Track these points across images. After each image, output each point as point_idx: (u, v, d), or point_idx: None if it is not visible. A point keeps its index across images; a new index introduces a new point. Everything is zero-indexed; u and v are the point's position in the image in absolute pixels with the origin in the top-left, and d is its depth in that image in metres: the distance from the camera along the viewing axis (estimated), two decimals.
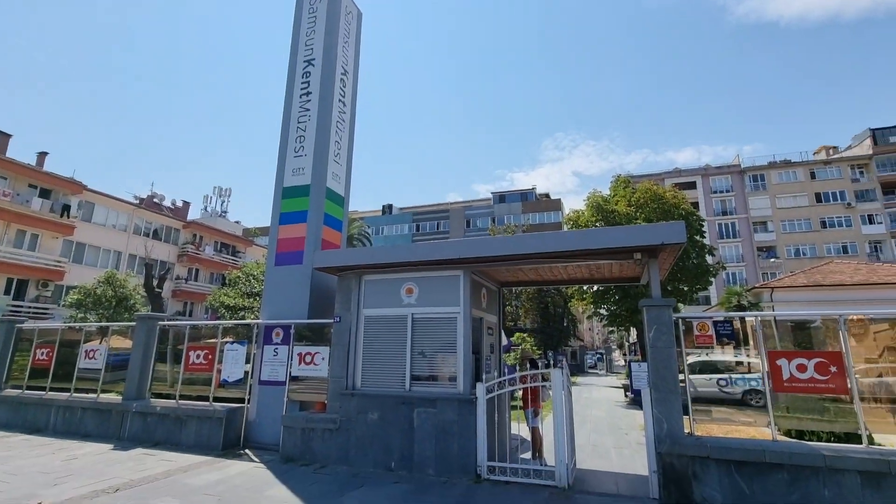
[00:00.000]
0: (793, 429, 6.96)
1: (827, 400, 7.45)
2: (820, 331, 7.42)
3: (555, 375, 6.58)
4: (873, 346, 7.92)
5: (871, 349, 7.77)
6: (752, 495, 5.36)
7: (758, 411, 8.29)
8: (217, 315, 19.75)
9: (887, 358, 7.50)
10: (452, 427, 6.83)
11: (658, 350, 6.15)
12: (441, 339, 7.44)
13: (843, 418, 7.07)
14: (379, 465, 7.09)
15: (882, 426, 6.25)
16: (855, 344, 6.57)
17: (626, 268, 7.85)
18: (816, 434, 6.88)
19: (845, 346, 5.71)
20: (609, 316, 21.48)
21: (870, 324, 8.04)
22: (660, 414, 5.96)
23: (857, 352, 6.50)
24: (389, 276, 7.98)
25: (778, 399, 6.20)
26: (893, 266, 26.52)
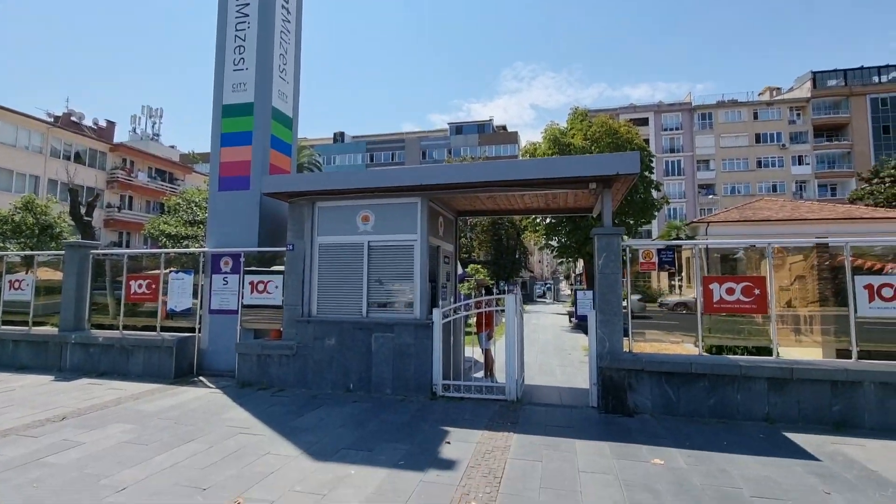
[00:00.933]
0: (713, 346, 7.77)
1: (742, 321, 8.31)
2: (742, 262, 8.03)
3: (508, 300, 6.84)
4: (787, 275, 8.77)
5: (785, 278, 8.63)
6: (676, 402, 6.03)
7: (683, 332, 9.14)
8: (158, 245, 18.65)
9: (797, 285, 8.37)
10: (409, 350, 7.06)
11: (606, 276, 6.48)
12: (398, 267, 7.44)
13: (755, 336, 7.90)
14: (338, 387, 7.29)
15: (786, 342, 7.09)
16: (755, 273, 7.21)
17: (580, 198, 8.01)
18: (732, 349, 7.71)
19: (770, 272, 6.26)
20: (559, 248, 22.36)
21: (787, 255, 8.90)
22: (603, 334, 6.41)
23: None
24: (344, 203, 7.72)
25: (704, 323, 6.85)
26: (814, 204, 29.15)
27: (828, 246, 7.89)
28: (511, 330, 6.76)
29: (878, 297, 5.83)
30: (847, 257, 6.01)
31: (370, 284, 7.50)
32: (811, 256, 8.56)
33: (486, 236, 41.70)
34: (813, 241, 9.14)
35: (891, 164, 33.94)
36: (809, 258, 8.63)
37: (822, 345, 6.96)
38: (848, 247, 6.09)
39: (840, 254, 7.05)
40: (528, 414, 6.12)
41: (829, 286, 7.50)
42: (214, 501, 3.68)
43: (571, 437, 5.21)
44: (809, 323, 7.51)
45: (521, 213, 9.19)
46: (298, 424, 5.67)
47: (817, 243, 8.22)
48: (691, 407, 5.98)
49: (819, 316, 7.33)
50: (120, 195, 37.42)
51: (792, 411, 5.74)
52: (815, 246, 8.22)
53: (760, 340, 7.84)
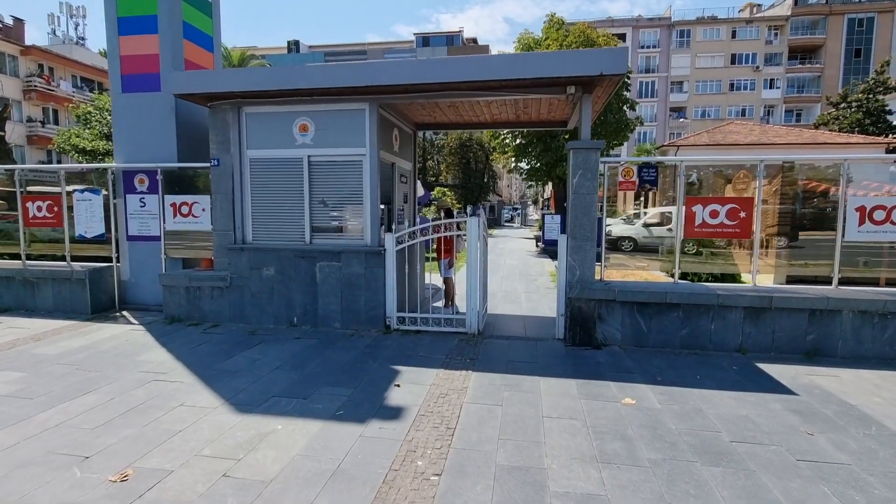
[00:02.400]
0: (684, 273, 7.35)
1: (704, 245, 7.90)
2: (703, 185, 7.37)
3: (471, 224, 6.03)
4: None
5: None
6: (647, 333, 5.61)
7: (648, 257, 8.73)
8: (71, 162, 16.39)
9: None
10: (359, 280, 6.28)
11: (581, 197, 5.71)
12: (345, 186, 6.42)
13: (720, 261, 7.52)
14: (280, 321, 6.54)
15: (744, 268, 6.73)
16: (734, 195, 6.65)
17: (555, 107, 6.98)
18: (697, 276, 7.33)
19: (759, 192, 5.64)
20: (529, 170, 21.43)
21: (752, 180, 8.38)
22: (573, 261, 5.78)
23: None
24: (277, 108, 6.42)
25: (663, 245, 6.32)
26: (781, 128, 29.03)
27: (811, 167, 7.33)
28: (473, 257, 6.04)
29: (869, 220, 5.36)
30: (843, 179, 5.42)
31: (313, 207, 6.49)
32: (776, 180, 8.09)
33: (454, 159, 40.17)
34: (812, 157, 8.58)
35: (859, 89, 33.74)
36: (774, 181, 8.16)
37: (774, 270, 6.64)
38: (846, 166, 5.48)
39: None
40: (490, 348, 5.60)
41: (790, 210, 7.03)
42: (94, 475, 2.95)
43: (535, 375, 4.71)
44: (766, 247, 7.14)
45: (487, 126, 8.12)
46: (226, 367, 4.93)
47: (811, 163, 7.66)
48: (662, 338, 5.59)
49: (774, 241, 6.94)
50: (42, 108, 33.12)
51: (765, 341, 5.44)
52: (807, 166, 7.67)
53: (725, 266, 7.51)
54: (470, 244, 6.04)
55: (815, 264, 6.03)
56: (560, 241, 5.85)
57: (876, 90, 32.65)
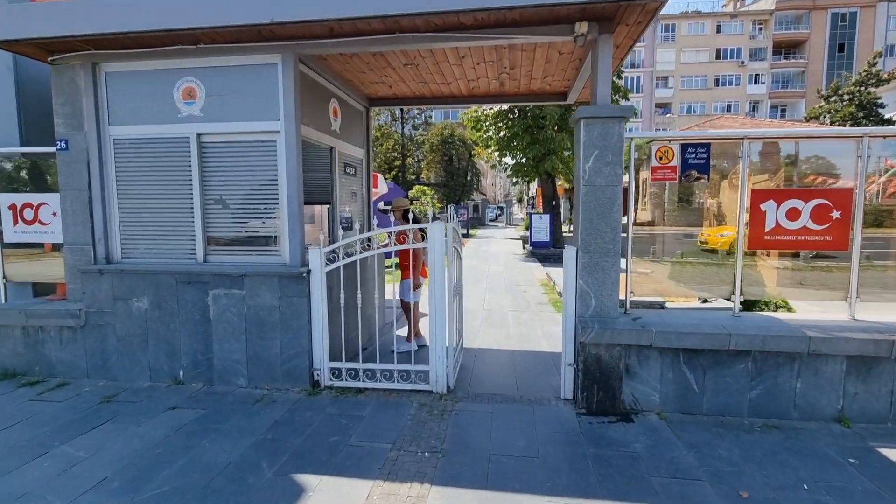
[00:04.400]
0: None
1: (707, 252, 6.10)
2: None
3: (433, 231, 4.06)
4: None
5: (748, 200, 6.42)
6: (700, 393, 3.74)
7: (645, 259, 6.88)
8: None
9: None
10: (272, 316, 4.27)
11: (597, 190, 3.81)
12: (252, 178, 4.41)
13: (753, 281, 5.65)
14: (160, 377, 4.49)
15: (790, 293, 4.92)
16: (732, 194, 4.86)
17: (553, 67, 5.06)
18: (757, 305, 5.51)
19: (861, 180, 3.81)
20: (514, 166, 19.59)
21: (751, 174, 6.60)
22: (587, 287, 3.87)
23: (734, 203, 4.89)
24: (151, 64, 4.38)
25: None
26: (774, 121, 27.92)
27: None
28: (439, 281, 4.09)
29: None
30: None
31: (207, 209, 4.45)
32: (779, 174, 6.34)
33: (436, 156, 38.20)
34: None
35: (851, 82, 32.83)
36: (777, 176, 6.41)
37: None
38: None
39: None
40: (464, 424, 3.64)
41: None
42: None
43: (538, 494, 2.78)
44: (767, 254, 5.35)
45: (462, 101, 6.18)
46: (11, 484, 2.88)
47: None
48: (722, 402, 3.72)
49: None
50: None
51: (879, 407, 3.60)
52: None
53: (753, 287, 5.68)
54: (433, 261, 4.08)
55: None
56: (566, 258, 3.94)
57: (868, 82, 31.74)
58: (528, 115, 16.98)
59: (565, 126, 16.93)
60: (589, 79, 4.85)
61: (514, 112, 17.76)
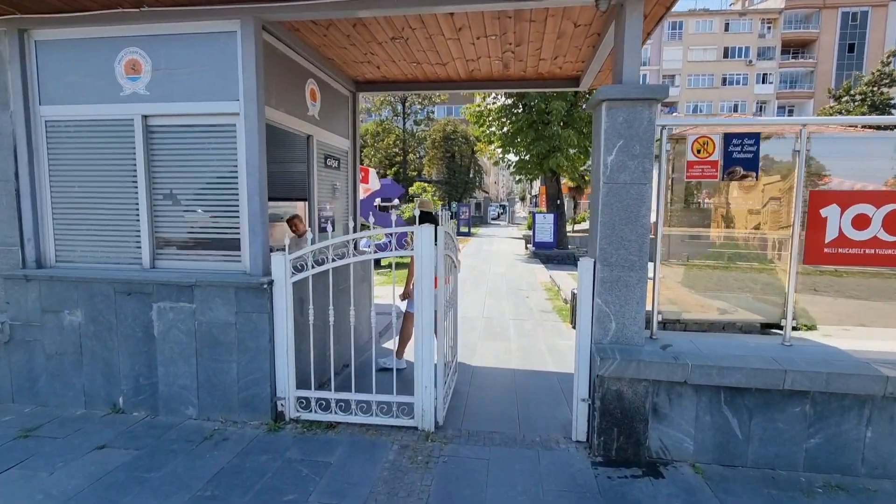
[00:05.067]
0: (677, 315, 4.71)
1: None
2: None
3: (420, 238, 3.35)
4: (760, 197, 5.83)
5: (758, 201, 5.68)
6: (745, 441, 3.03)
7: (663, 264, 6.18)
8: None
9: (770, 208, 5.41)
10: (228, 334, 3.57)
11: (621, 189, 3.10)
12: (208, 169, 3.71)
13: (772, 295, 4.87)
14: (96, 403, 3.80)
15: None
16: (742, 194, 4.18)
17: (566, 45, 4.33)
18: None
19: None
20: (518, 163, 18.86)
21: (762, 175, 5.83)
22: (607, 306, 3.17)
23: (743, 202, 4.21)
24: (88, 31, 3.68)
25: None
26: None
27: None
28: (426, 299, 3.38)
29: None
30: None
31: (155, 204, 3.76)
32: (791, 175, 5.62)
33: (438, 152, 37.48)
34: None
35: (864, 81, 31.97)
36: (790, 177, 5.69)
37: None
38: None
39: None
40: (452, 477, 2.94)
41: None
42: None
43: None
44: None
45: (461, 85, 5.47)
46: None
47: None
48: (772, 452, 3.02)
49: None
50: None
51: None
52: None
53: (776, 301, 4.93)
54: (421, 271, 3.38)
55: None
56: (581, 270, 3.24)
57: (881, 82, 30.89)
58: (533, 111, 16.25)
59: (572, 122, 16.19)
60: (608, 58, 4.14)
61: (518, 107, 17.02)
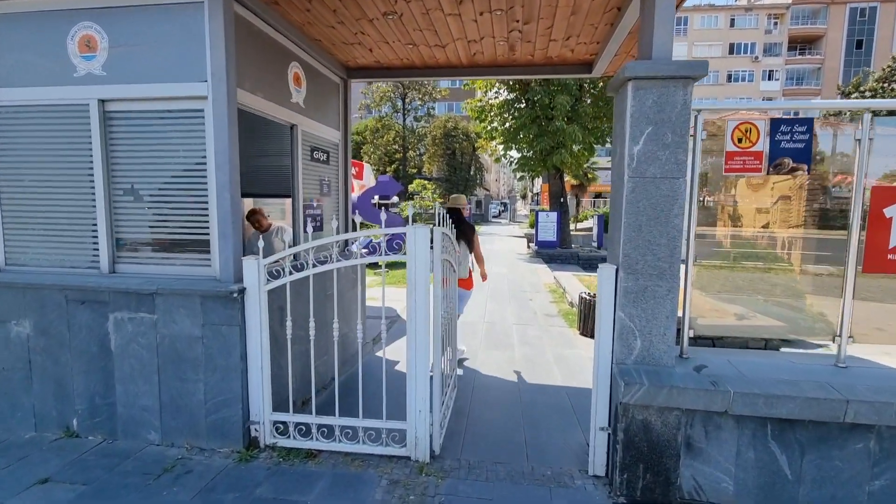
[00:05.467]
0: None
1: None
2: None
3: (413, 238, 2.90)
4: (769, 195, 5.35)
5: (767, 200, 5.19)
6: (795, 481, 2.58)
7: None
8: None
9: (780, 207, 4.92)
10: (194, 349, 3.12)
11: (649, 185, 2.64)
12: (173, 161, 3.26)
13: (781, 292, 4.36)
14: (48, 425, 3.35)
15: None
16: (749, 192, 3.68)
17: (579, 23, 3.86)
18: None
19: None
20: (520, 160, 18.37)
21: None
22: (631, 321, 2.71)
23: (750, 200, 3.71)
24: (35, 2, 3.22)
25: None
26: None
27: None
28: (421, 309, 2.93)
29: None
30: None
31: (114, 201, 3.31)
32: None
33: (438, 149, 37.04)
34: None
35: (874, 77, 31.35)
36: (800, 176, 5.18)
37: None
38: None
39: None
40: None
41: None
42: None
43: None
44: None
45: (460, 72, 5.01)
46: None
47: None
48: (828, 493, 2.56)
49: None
50: None
51: None
52: None
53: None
54: (413, 281, 2.92)
55: None
56: (601, 279, 2.78)
57: (892, 79, 30.27)
58: (537, 105, 15.75)
59: (576, 117, 15.70)
60: (627, 39, 3.68)
61: (521, 101, 16.54)
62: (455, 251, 3.94)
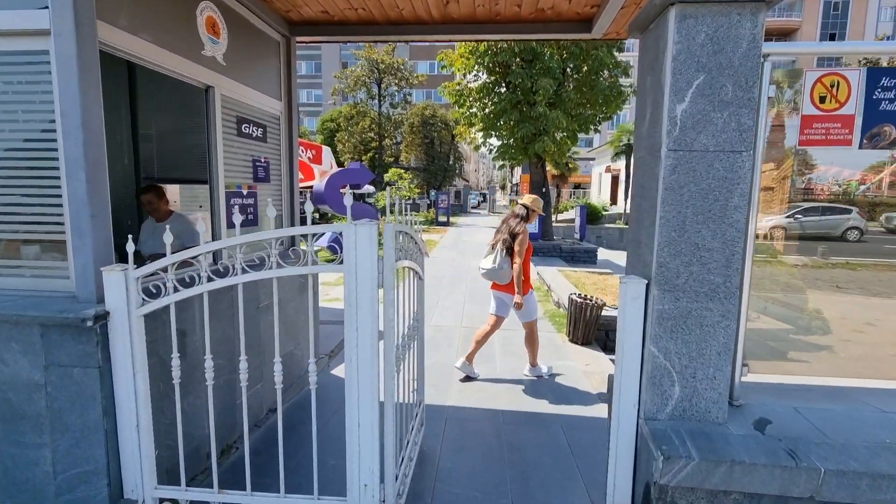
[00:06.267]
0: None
1: None
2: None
3: (353, 241, 1.97)
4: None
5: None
6: None
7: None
8: None
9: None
10: (34, 401, 2.14)
11: (697, 160, 1.78)
12: (11, 125, 2.25)
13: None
14: None
15: None
16: None
17: None
18: None
19: None
20: (500, 148, 17.50)
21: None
22: (667, 358, 1.87)
23: None
24: None
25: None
26: None
27: None
28: (364, 350, 2.02)
29: None
30: None
31: None
32: (787, 164, 4.51)
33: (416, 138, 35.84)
34: None
35: None
36: (785, 166, 4.59)
37: None
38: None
39: None
40: None
41: None
42: None
43: None
44: None
45: (430, 29, 4.07)
46: None
47: None
48: None
49: None
50: None
51: None
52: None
53: None
54: (353, 300, 2.00)
55: None
56: (623, 296, 1.92)
57: None
58: (518, 90, 14.88)
59: (560, 102, 14.89)
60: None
61: (501, 85, 15.64)
62: (423, 253, 3.04)
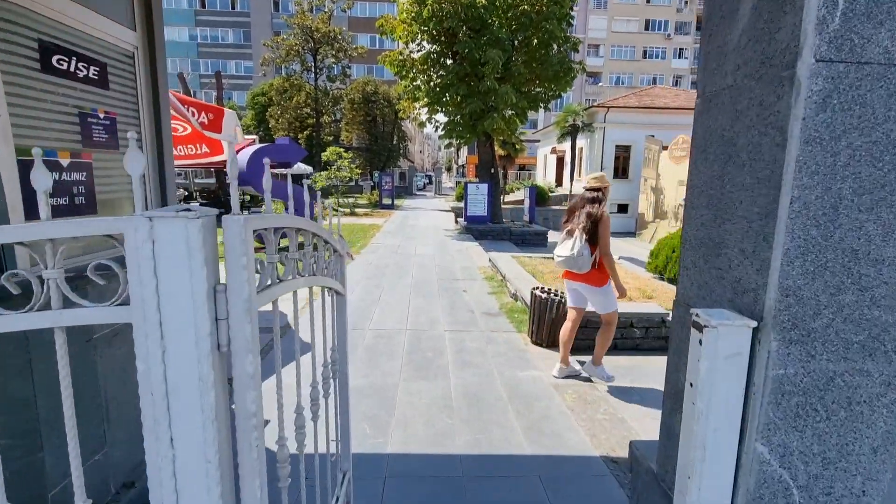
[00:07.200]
0: None
1: None
2: None
3: (140, 252, 0.86)
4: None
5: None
6: None
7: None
8: None
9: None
10: None
11: (864, 89, 0.87)
12: None
13: None
14: None
15: None
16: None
17: None
18: None
19: None
20: (447, 125, 16.44)
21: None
22: (784, 465, 1.00)
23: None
24: None
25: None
26: None
27: None
28: (187, 482, 0.93)
29: None
30: None
31: None
32: None
33: (358, 115, 33.83)
34: None
35: None
36: None
37: None
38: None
39: None
40: None
41: None
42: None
43: None
44: None
45: None
46: None
47: None
48: None
49: None
50: None
51: None
52: None
53: None
54: (147, 389, 0.94)
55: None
56: (696, 351, 1.01)
57: None
58: (465, 62, 13.84)
59: (509, 77, 14.03)
60: None
61: (447, 55, 14.51)
62: (345, 254, 1.97)
